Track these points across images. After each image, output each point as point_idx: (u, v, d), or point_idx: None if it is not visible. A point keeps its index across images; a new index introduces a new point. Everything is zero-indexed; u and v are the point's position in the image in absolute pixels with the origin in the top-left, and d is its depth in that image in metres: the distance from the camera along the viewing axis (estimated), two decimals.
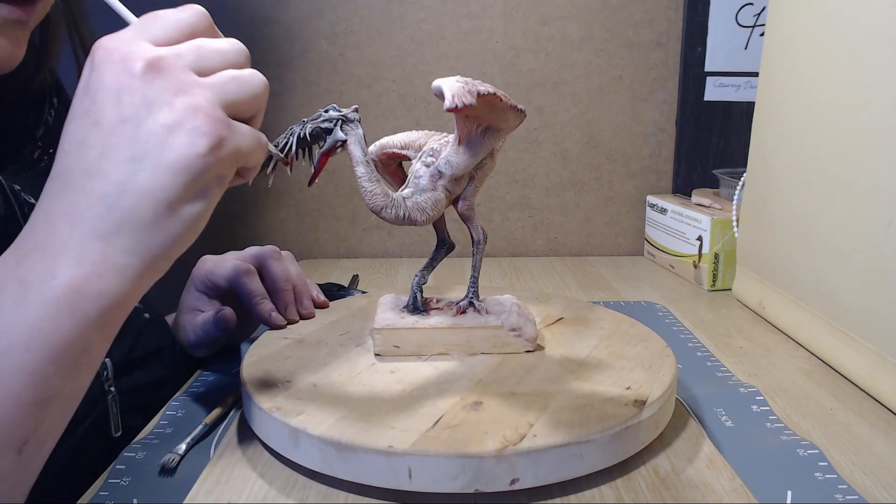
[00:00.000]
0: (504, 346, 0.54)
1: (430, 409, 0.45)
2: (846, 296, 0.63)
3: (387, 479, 0.41)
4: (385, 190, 0.50)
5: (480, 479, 0.40)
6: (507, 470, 0.40)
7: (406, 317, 0.55)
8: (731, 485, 0.43)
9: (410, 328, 0.54)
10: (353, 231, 1.14)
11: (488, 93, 0.45)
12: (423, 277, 0.57)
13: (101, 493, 0.44)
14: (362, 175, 0.49)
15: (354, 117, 0.49)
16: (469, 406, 0.45)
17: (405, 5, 1.07)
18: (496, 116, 0.48)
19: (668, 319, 0.79)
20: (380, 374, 0.51)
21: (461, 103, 0.44)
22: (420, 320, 0.54)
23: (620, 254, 1.15)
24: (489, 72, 1.08)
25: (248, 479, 0.44)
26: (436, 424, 0.43)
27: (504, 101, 0.46)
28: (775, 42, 0.77)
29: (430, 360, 0.53)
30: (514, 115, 0.49)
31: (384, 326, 0.54)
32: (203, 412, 0.54)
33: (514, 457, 0.40)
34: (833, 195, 0.65)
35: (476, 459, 0.40)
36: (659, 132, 1.12)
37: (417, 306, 0.56)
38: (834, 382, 0.63)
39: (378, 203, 0.49)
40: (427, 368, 0.52)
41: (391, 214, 0.50)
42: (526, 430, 0.42)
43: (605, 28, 1.08)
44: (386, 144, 0.56)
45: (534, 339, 0.54)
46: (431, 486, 0.40)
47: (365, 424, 0.43)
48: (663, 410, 0.47)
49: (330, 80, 1.08)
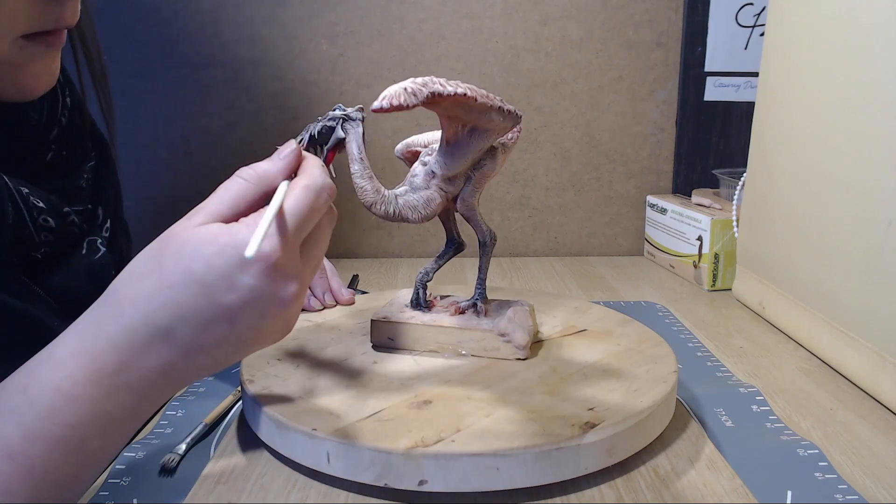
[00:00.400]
0: (494, 350, 0.54)
1: (379, 401, 0.47)
2: (846, 296, 0.63)
3: (310, 459, 0.43)
4: (377, 187, 0.51)
5: (389, 474, 0.41)
6: (415, 469, 0.41)
7: (406, 311, 0.56)
8: (731, 485, 0.43)
9: (404, 323, 0.55)
10: (353, 231, 1.14)
11: (450, 93, 0.44)
12: (427, 274, 0.57)
13: (101, 493, 0.44)
14: (356, 172, 0.50)
15: (357, 116, 0.50)
16: (416, 404, 0.46)
17: (405, 5, 1.07)
18: (477, 116, 0.48)
19: (668, 319, 0.78)
20: (364, 363, 0.53)
21: (389, 104, 0.44)
22: (417, 316, 0.55)
23: (620, 254, 1.15)
24: (489, 72, 1.08)
25: (248, 479, 0.44)
26: (371, 416, 0.44)
27: (480, 100, 0.46)
28: (775, 42, 0.77)
29: (417, 356, 0.54)
30: (500, 115, 0.48)
31: (381, 318, 0.55)
32: (203, 412, 0.54)
33: (423, 458, 0.41)
34: (833, 195, 0.65)
35: (385, 454, 0.41)
36: (659, 132, 1.12)
37: (420, 302, 0.56)
38: (834, 382, 0.63)
39: (368, 199, 0.50)
40: (409, 363, 0.53)
41: (381, 211, 0.51)
42: (449, 435, 0.42)
43: (605, 28, 1.08)
44: (411, 143, 0.58)
45: (523, 346, 0.53)
46: (345, 473, 0.42)
47: (311, 405, 0.46)
48: (662, 412, 0.47)
49: (330, 80, 1.08)
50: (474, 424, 0.44)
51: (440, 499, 0.41)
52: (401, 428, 0.43)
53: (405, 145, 0.58)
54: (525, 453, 0.41)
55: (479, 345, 0.54)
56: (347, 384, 0.49)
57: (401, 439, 0.42)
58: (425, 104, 0.44)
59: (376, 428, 0.43)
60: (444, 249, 0.59)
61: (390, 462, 0.41)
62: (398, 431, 0.43)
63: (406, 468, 0.41)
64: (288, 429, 0.44)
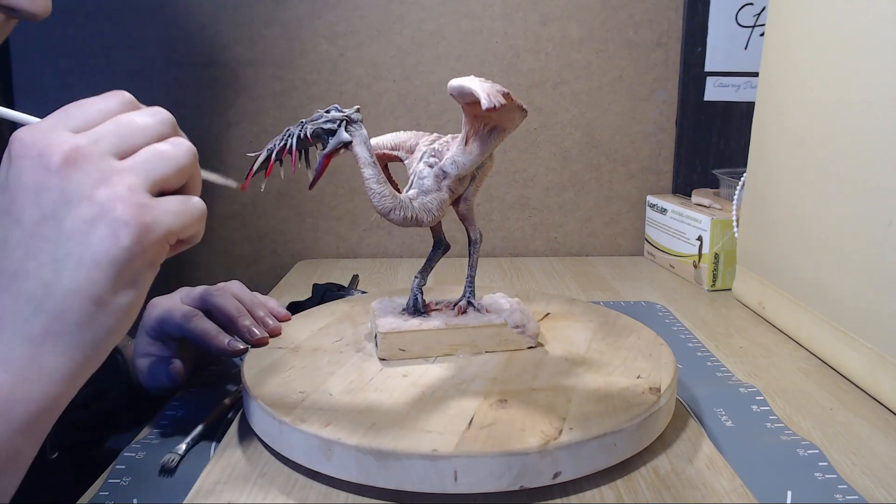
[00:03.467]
0: (507, 343, 0.54)
1: (457, 410, 0.45)
2: (846, 296, 0.63)
3: (431, 483, 0.41)
4: (393, 192, 0.49)
5: (525, 475, 0.41)
6: (550, 465, 0.41)
7: (409, 319, 0.55)
8: (731, 485, 0.43)
9: (416, 330, 0.54)
10: (353, 231, 1.14)
11: (508, 93, 0.45)
12: (422, 279, 0.56)
13: (101, 493, 0.44)
14: (370, 177, 0.48)
15: (358, 118, 0.49)
16: (495, 404, 0.46)
17: (405, 5, 1.07)
18: (504, 116, 0.48)
19: (668, 319, 0.78)
20: (392, 378, 0.51)
21: (497, 103, 0.44)
22: (424, 322, 0.54)
23: (620, 254, 1.15)
24: (489, 72, 1.08)
25: (248, 479, 0.44)
26: (470, 425, 0.43)
27: (514, 100, 0.46)
28: (775, 42, 0.77)
29: (437, 362, 0.53)
30: (520, 114, 0.49)
31: (389, 331, 0.53)
32: (203, 412, 0.54)
33: (557, 451, 0.41)
34: (833, 195, 0.65)
35: (521, 456, 0.40)
36: (659, 132, 1.12)
37: (419, 308, 0.56)
38: (834, 382, 0.63)
39: (387, 205, 0.49)
40: (438, 370, 0.52)
41: (399, 216, 0.50)
42: (561, 425, 0.43)
43: (605, 28, 1.08)
44: (376, 146, 0.56)
45: (536, 335, 0.55)
46: (476, 487, 0.41)
47: (399, 430, 0.43)
48: (665, 408, 0.47)
49: (330, 80, 1.08)
50: (569, 411, 0.44)
51: (442, 499, 0.41)
52: (510, 429, 0.42)
53: (373, 146, 0.56)
54: (631, 425, 0.43)
55: (495, 339, 0.54)
56: (404, 402, 0.47)
57: (526, 439, 0.41)
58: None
59: (490, 434, 0.42)
60: (432, 252, 0.58)
61: (527, 463, 0.40)
62: (513, 433, 0.42)
63: (542, 465, 0.41)
64: (398, 457, 0.41)
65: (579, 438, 0.41)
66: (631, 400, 0.46)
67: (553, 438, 0.41)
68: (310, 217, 1.13)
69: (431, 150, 0.53)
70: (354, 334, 0.59)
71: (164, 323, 0.58)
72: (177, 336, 0.58)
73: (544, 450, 0.41)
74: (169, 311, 0.58)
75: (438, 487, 0.41)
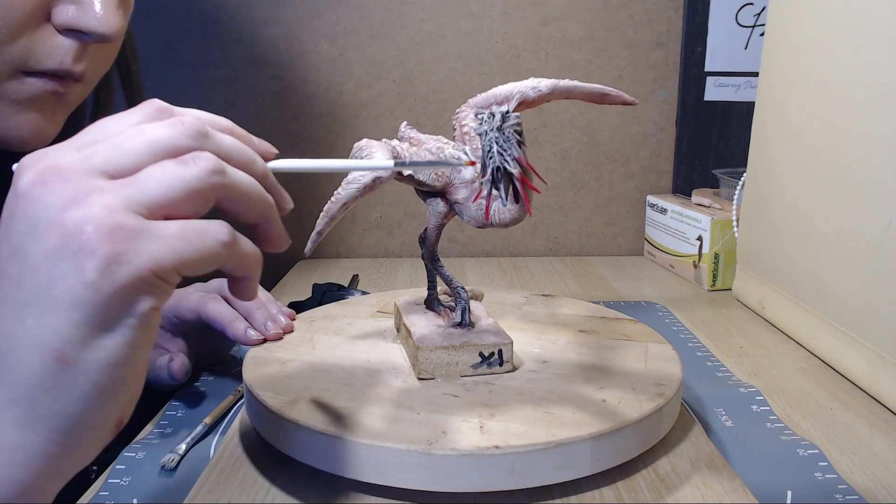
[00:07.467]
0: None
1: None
2: (846, 296, 0.63)
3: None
4: None
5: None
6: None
7: (454, 331, 0.51)
8: (731, 485, 0.43)
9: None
10: (353, 231, 1.14)
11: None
12: (464, 289, 0.53)
13: (101, 493, 0.44)
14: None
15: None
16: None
17: (405, 5, 1.07)
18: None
19: (668, 319, 0.79)
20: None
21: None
22: (472, 337, 0.50)
23: (620, 254, 1.15)
24: (489, 72, 1.08)
25: (248, 478, 0.44)
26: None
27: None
28: (775, 42, 0.77)
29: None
30: None
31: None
32: (203, 412, 0.54)
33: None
34: (833, 195, 0.65)
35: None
36: (659, 132, 1.12)
37: (467, 321, 0.52)
38: (834, 382, 0.63)
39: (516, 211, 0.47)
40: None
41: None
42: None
43: (605, 28, 1.08)
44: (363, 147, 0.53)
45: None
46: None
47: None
48: (670, 407, 0.47)
49: (330, 80, 1.08)
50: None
51: (442, 498, 0.41)
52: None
53: (358, 149, 0.52)
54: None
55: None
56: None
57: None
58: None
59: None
60: (436, 262, 0.55)
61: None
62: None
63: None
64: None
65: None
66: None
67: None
68: (310, 217, 1.13)
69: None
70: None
71: (179, 308, 0.57)
72: (192, 321, 0.57)
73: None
74: (184, 295, 0.58)
75: (440, 487, 0.41)
